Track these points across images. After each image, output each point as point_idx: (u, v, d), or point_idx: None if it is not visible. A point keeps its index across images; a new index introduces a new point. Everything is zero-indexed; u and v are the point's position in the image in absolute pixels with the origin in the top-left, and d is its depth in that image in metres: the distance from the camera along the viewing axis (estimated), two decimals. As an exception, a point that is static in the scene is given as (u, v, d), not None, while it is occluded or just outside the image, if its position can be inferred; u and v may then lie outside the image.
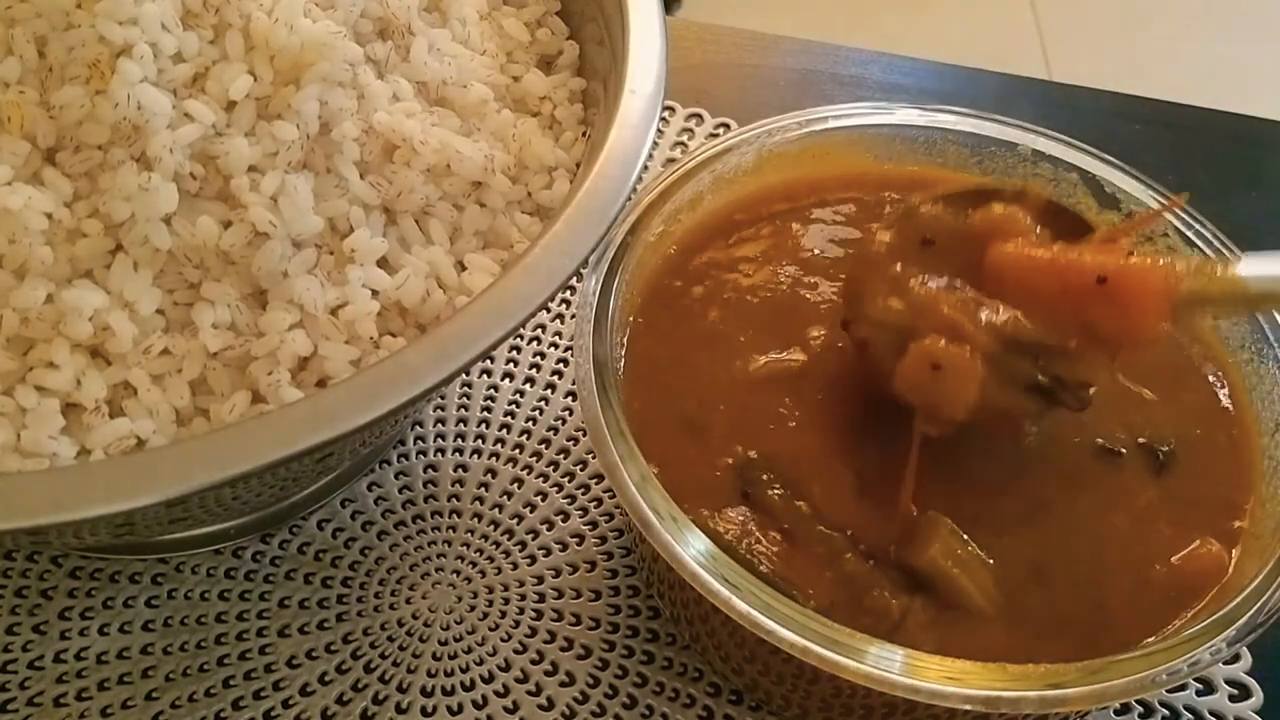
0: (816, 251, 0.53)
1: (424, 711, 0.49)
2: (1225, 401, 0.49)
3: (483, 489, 0.55)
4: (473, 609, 0.52)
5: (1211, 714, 0.49)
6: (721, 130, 0.72)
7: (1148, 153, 0.72)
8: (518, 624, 0.51)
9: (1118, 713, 0.49)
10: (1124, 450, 0.46)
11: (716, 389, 0.48)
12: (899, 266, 0.45)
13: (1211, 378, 0.49)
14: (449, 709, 0.49)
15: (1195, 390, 0.49)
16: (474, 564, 0.53)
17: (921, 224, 0.46)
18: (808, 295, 0.51)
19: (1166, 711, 0.50)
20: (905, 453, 0.44)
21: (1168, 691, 0.50)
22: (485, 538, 0.54)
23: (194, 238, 0.42)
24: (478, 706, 0.49)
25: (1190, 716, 0.49)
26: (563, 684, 0.49)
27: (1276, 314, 0.47)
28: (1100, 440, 0.47)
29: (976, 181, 0.53)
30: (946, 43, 1.96)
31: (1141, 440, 0.47)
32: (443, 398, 0.59)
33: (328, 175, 0.46)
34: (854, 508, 0.45)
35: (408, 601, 0.52)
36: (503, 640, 0.51)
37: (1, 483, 0.35)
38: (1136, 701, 0.49)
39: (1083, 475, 0.46)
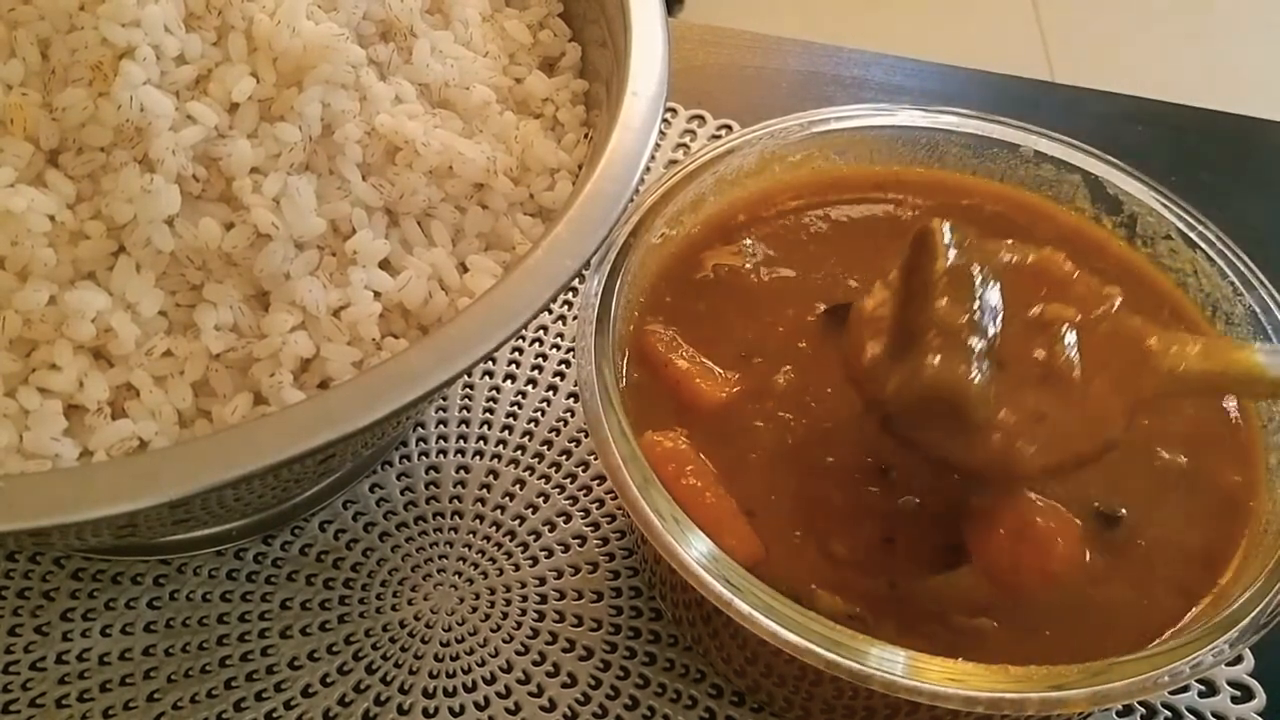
0: (822, 251, 0.53)
1: (426, 713, 0.49)
2: (1232, 402, 0.48)
3: (485, 490, 0.55)
4: (475, 610, 0.52)
5: (1214, 715, 0.49)
6: (724, 132, 0.72)
7: (1150, 154, 0.72)
8: (520, 625, 0.51)
9: (1120, 714, 0.49)
10: (1124, 511, 0.45)
11: (720, 390, 0.48)
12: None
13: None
14: (451, 710, 0.49)
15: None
16: (476, 565, 0.53)
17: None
18: (813, 296, 0.51)
19: (1169, 713, 0.49)
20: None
21: (1170, 693, 0.50)
22: (487, 539, 0.54)
23: (196, 239, 0.43)
24: (480, 708, 0.49)
25: (1193, 718, 0.49)
26: (565, 685, 0.49)
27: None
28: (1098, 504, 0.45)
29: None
30: (949, 44, 1.96)
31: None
32: (445, 399, 0.59)
33: (330, 177, 0.46)
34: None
35: (409, 603, 0.52)
36: (505, 641, 0.51)
37: (4, 484, 0.35)
38: (1139, 703, 0.49)
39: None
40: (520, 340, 0.61)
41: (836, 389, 0.47)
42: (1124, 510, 0.45)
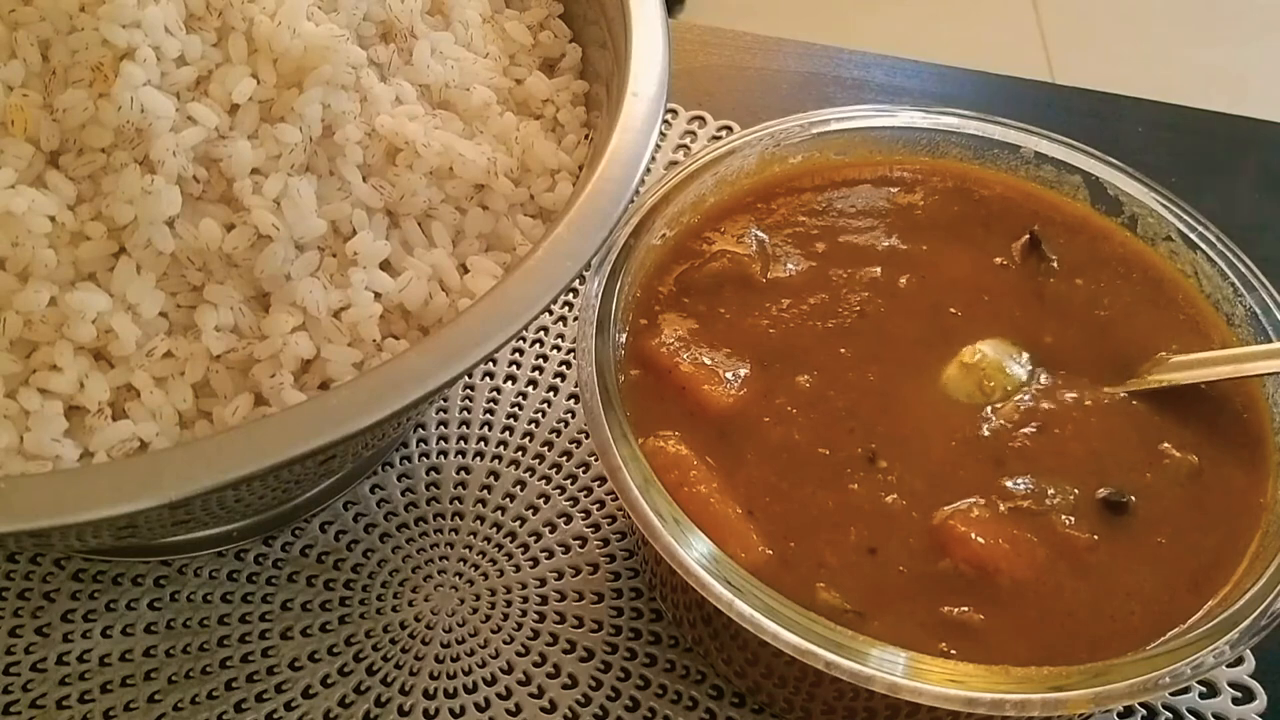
0: (823, 250, 0.53)
1: (426, 714, 0.49)
2: (1241, 402, 0.48)
3: (485, 491, 0.55)
4: (475, 611, 0.52)
5: (1215, 717, 0.49)
6: (724, 133, 0.72)
7: (1150, 155, 0.72)
8: (520, 626, 0.51)
9: (1121, 715, 0.49)
10: (1132, 499, 0.45)
11: (725, 392, 0.48)
12: None
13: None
14: (451, 711, 0.49)
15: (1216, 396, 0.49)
16: (476, 566, 0.53)
17: None
18: (814, 294, 0.51)
19: (1169, 714, 0.49)
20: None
21: (1171, 694, 0.50)
22: (488, 540, 0.54)
23: (197, 240, 0.43)
24: (480, 709, 0.49)
25: (1194, 719, 0.49)
26: (565, 686, 0.49)
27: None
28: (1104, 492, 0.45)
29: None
30: (949, 45, 1.96)
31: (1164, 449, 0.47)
32: (445, 400, 0.59)
33: (330, 178, 0.46)
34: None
35: (410, 604, 0.52)
36: (505, 643, 0.51)
37: (5, 485, 0.35)
38: (1140, 704, 0.49)
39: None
40: (521, 341, 0.61)
41: (841, 386, 0.47)
42: (1132, 497, 0.45)
